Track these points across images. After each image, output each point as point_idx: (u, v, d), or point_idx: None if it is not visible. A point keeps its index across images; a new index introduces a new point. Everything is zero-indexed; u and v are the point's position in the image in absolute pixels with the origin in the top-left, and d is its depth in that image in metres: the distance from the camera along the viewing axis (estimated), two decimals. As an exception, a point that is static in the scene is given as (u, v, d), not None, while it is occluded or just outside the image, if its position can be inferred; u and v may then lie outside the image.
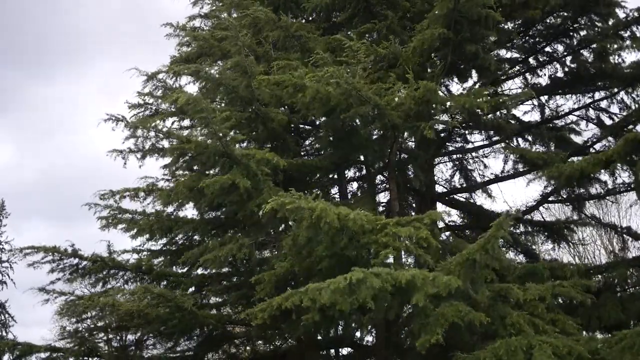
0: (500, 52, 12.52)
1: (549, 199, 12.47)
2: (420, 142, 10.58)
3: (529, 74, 12.97)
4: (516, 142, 12.79)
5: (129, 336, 13.26)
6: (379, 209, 12.29)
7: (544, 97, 12.95)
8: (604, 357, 7.37)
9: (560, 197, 12.56)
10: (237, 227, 10.70)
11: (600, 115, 12.79)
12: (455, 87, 12.51)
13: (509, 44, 12.40)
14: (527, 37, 12.72)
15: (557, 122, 13.03)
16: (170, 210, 11.39)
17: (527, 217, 12.89)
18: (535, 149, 12.56)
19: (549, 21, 12.24)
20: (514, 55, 12.71)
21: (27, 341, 10.70)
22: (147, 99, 11.78)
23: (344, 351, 12.17)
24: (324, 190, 11.99)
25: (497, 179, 13.07)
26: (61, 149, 50.56)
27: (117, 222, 11.21)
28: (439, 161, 13.14)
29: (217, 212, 10.82)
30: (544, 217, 14.02)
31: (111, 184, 11.75)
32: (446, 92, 12.27)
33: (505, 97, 10.38)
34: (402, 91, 9.53)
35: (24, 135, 53.25)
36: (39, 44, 51.71)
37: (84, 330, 11.70)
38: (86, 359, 11.13)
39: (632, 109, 12.14)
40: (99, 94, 49.05)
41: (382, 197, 12.92)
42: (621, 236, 14.06)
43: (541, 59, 12.80)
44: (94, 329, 11.86)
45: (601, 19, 11.80)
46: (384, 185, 12.64)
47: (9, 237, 36.02)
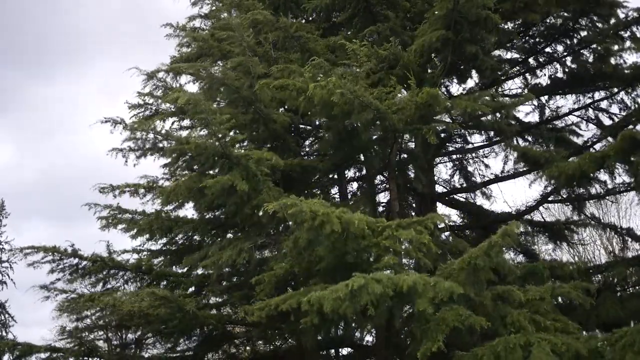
0: (500, 52, 12.53)
1: (549, 199, 12.47)
2: (420, 144, 10.58)
3: (529, 74, 12.98)
4: (516, 143, 12.79)
5: (129, 335, 13.28)
6: (379, 209, 12.31)
7: (544, 98, 12.96)
8: (604, 355, 7.37)
9: (560, 197, 12.56)
10: (237, 228, 10.70)
11: (600, 115, 12.80)
12: (455, 88, 12.53)
13: (509, 45, 12.41)
14: (527, 37, 12.73)
15: (556, 122, 13.05)
16: (170, 209, 11.39)
17: (527, 217, 12.90)
18: (535, 149, 12.55)
19: (549, 21, 12.24)
20: (514, 55, 12.72)
21: (27, 341, 10.72)
22: (147, 99, 11.78)
23: (344, 351, 12.18)
24: (324, 190, 12.00)
25: (497, 179, 13.08)
26: (61, 149, 50.57)
27: (117, 222, 11.21)
28: (439, 161, 13.16)
29: (216, 212, 10.81)
30: (544, 217, 14.04)
31: (111, 183, 11.66)
32: (446, 93, 12.28)
33: (505, 101, 10.38)
34: (403, 93, 9.53)
35: (24, 135, 53.27)
36: (39, 44, 51.74)
37: (83, 328, 11.70)
38: (86, 359, 11.13)
39: (632, 109, 12.14)
40: (99, 94, 49.11)
41: (382, 197, 12.94)
42: (621, 236, 14.04)
43: (541, 60, 12.81)
44: (93, 327, 11.86)
45: (601, 19, 11.80)
46: (384, 185, 12.64)
47: (8, 237, 35.97)
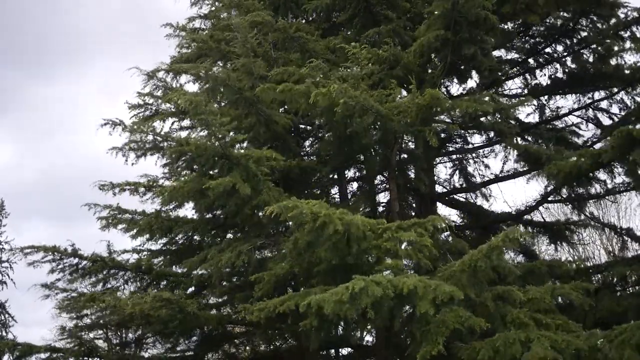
0: (500, 52, 12.55)
1: (549, 199, 12.48)
2: (421, 144, 10.57)
3: (529, 74, 12.98)
4: (516, 142, 12.77)
5: (129, 335, 13.27)
6: (379, 209, 12.31)
7: (543, 98, 12.97)
8: (603, 352, 7.38)
9: (560, 197, 12.56)
10: (237, 228, 10.71)
11: (600, 115, 12.81)
12: (455, 88, 12.54)
13: (509, 45, 12.42)
14: (528, 37, 12.74)
15: (556, 122, 13.05)
16: (169, 209, 11.38)
17: (527, 217, 12.90)
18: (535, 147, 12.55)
19: (549, 22, 12.25)
20: (514, 56, 12.73)
21: (27, 341, 10.71)
22: (147, 99, 11.78)
23: (344, 351, 12.17)
24: (324, 190, 11.99)
25: (497, 179, 13.08)
26: (61, 149, 50.56)
27: (117, 222, 11.21)
28: (439, 161, 13.16)
29: (216, 212, 10.81)
30: (543, 217, 14.04)
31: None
32: (446, 93, 12.28)
33: (505, 103, 10.39)
34: (403, 93, 9.53)
35: (24, 135, 53.27)
36: (39, 44, 51.71)
37: (83, 327, 11.70)
38: (86, 359, 11.13)
39: (631, 109, 12.15)
40: (99, 94, 49.09)
41: (382, 197, 12.93)
42: (620, 237, 14.04)
43: (541, 60, 12.82)
44: (93, 327, 11.86)
45: (601, 19, 11.81)
46: (384, 185, 12.64)
47: (8, 237, 35.99)
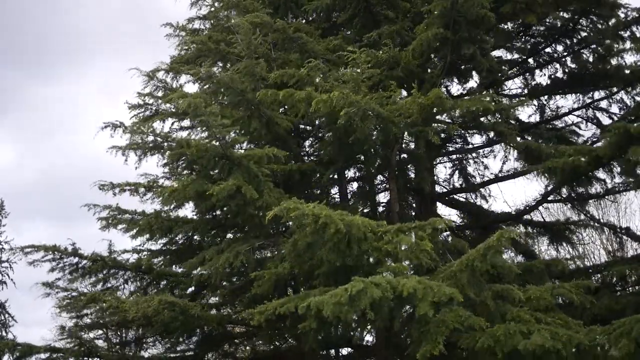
0: (500, 52, 12.55)
1: (549, 199, 12.48)
2: (422, 145, 10.59)
3: (529, 74, 12.99)
4: (516, 141, 12.77)
5: (129, 334, 13.27)
6: (379, 209, 12.31)
7: (543, 98, 12.98)
8: (601, 346, 7.45)
9: (560, 197, 12.57)
10: (237, 228, 10.71)
11: (600, 115, 12.81)
12: (455, 88, 12.54)
13: (509, 45, 12.42)
14: (528, 37, 12.74)
15: (556, 122, 13.06)
16: (169, 209, 11.39)
17: (527, 217, 12.90)
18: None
19: (549, 22, 12.26)
20: (515, 56, 12.73)
21: (27, 342, 10.71)
22: (147, 99, 11.78)
23: (344, 351, 12.17)
24: (324, 190, 12.00)
25: (497, 179, 13.07)
26: (61, 149, 50.48)
27: (117, 222, 11.22)
28: (439, 161, 13.16)
29: (217, 213, 10.81)
30: (543, 217, 14.05)
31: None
32: (446, 93, 12.28)
33: (504, 103, 10.40)
34: (404, 94, 9.54)
35: (24, 135, 53.21)
36: (39, 44, 51.63)
37: (83, 327, 11.70)
38: (86, 359, 11.14)
39: (630, 108, 12.16)
40: (99, 94, 49.06)
41: (382, 197, 12.93)
42: (618, 236, 14.06)
43: (541, 60, 12.82)
44: (93, 326, 11.86)
45: (601, 19, 11.82)
46: (384, 185, 12.64)
47: (8, 237, 35.95)
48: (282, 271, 8.77)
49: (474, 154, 13.31)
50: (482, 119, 10.92)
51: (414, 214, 12.33)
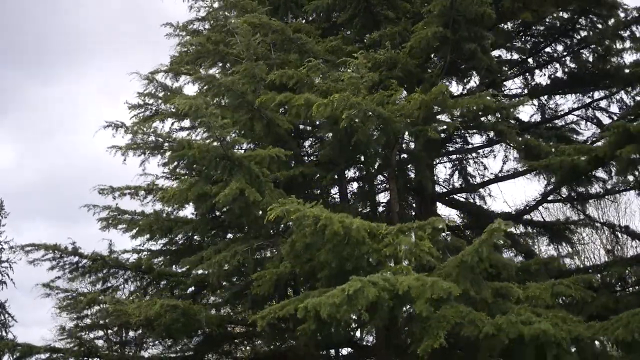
0: (500, 52, 12.55)
1: (549, 199, 12.48)
2: (422, 144, 10.59)
3: (529, 74, 12.99)
4: (516, 139, 12.77)
5: (129, 334, 13.27)
6: (379, 209, 12.30)
7: (543, 98, 12.98)
8: (600, 341, 7.50)
9: (560, 197, 12.57)
10: (237, 228, 10.71)
11: (600, 115, 12.82)
12: (455, 89, 12.54)
13: (508, 45, 12.42)
14: (528, 36, 12.75)
15: (556, 122, 13.06)
16: (169, 210, 11.39)
17: (527, 217, 12.90)
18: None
19: (548, 21, 12.26)
20: (514, 56, 12.73)
21: (27, 342, 10.71)
22: (147, 99, 11.79)
23: (344, 351, 12.18)
24: (324, 190, 11.99)
25: (497, 179, 13.07)
26: (61, 149, 50.46)
27: (117, 222, 11.25)
28: (438, 161, 13.16)
29: (217, 213, 10.81)
30: (543, 217, 14.05)
31: (111, 184, 11.70)
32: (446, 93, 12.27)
33: (505, 102, 10.40)
34: (404, 94, 9.53)
35: (24, 135, 53.20)
36: (39, 44, 51.61)
37: (83, 327, 11.70)
38: (86, 359, 11.14)
39: (630, 107, 12.17)
40: (99, 94, 49.04)
41: (382, 197, 12.93)
42: (615, 234, 14.06)
43: (541, 60, 12.82)
44: (93, 327, 11.87)
45: (601, 19, 11.82)
46: (384, 185, 12.64)
47: (8, 237, 35.93)
48: (284, 270, 8.78)
49: (474, 154, 13.31)
50: (482, 119, 10.92)
51: (414, 214, 12.33)
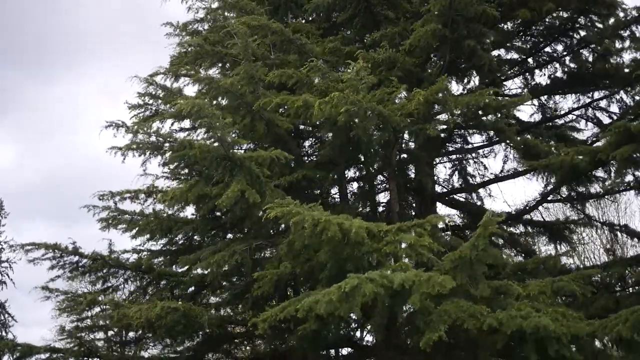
0: (500, 52, 12.55)
1: (549, 199, 12.48)
2: (422, 144, 10.60)
3: (529, 74, 12.99)
4: (515, 139, 12.76)
5: (129, 334, 13.26)
6: (379, 209, 12.30)
7: (543, 97, 12.98)
8: (600, 338, 7.53)
9: (559, 197, 12.57)
10: (237, 228, 10.71)
11: (600, 115, 12.82)
12: (455, 88, 12.53)
13: (508, 45, 12.42)
14: (527, 36, 12.75)
15: (556, 121, 13.06)
16: (169, 211, 11.40)
17: (527, 217, 12.89)
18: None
19: (548, 21, 12.26)
20: (514, 55, 12.73)
21: (27, 342, 10.74)
22: (147, 100, 11.79)
23: (344, 351, 12.17)
24: (324, 190, 12.00)
25: (497, 178, 13.07)
26: (61, 149, 50.48)
27: (117, 222, 11.27)
28: (438, 161, 13.15)
29: (217, 213, 10.81)
30: (543, 217, 14.04)
31: (111, 184, 11.80)
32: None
33: (505, 101, 10.40)
34: (405, 94, 9.53)
35: (24, 135, 53.20)
36: (39, 44, 51.60)
37: (83, 327, 11.71)
38: (86, 359, 11.14)
39: (630, 107, 12.16)
40: (99, 94, 49.04)
41: (382, 197, 12.93)
42: (614, 233, 14.06)
43: (541, 59, 12.83)
44: (93, 327, 11.87)
45: (601, 19, 11.82)
46: (384, 185, 12.64)
47: (8, 237, 35.90)
48: (284, 270, 8.78)
49: (474, 154, 13.31)
50: (482, 118, 10.92)
51: (413, 214, 12.32)
